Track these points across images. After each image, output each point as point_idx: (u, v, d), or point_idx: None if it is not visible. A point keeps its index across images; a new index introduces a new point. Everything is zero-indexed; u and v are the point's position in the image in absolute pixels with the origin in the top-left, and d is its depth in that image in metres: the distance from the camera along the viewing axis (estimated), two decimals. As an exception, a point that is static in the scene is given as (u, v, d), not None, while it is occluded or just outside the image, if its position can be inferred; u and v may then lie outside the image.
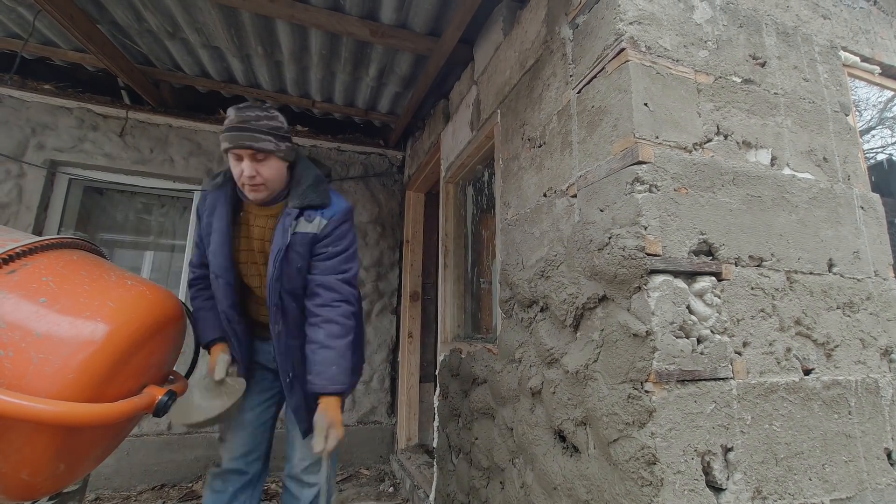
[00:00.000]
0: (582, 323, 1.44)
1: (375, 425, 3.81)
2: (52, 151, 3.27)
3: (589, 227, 1.42)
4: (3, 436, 1.08)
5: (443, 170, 3.07)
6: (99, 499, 2.97)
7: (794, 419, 1.32)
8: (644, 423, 1.15)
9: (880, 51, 1.97)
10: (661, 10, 1.44)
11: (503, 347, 1.94)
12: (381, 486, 3.31)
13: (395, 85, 3.26)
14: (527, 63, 1.96)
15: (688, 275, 1.27)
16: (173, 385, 1.38)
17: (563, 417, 1.48)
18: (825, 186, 1.59)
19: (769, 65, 1.61)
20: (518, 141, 2.00)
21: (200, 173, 3.59)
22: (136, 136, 3.48)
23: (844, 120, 1.73)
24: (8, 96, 3.24)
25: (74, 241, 1.47)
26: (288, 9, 2.39)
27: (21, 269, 1.20)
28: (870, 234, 1.64)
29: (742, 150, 1.47)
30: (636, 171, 1.26)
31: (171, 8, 2.52)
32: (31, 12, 2.63)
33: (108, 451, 1.45)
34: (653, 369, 1.15)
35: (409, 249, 4.01)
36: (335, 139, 4.03)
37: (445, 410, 2.57)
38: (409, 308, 3.91)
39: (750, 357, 1.30)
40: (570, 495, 1.41)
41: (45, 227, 3.26)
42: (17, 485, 1.16)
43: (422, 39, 2.63)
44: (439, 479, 2.54)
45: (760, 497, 1.21)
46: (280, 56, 2.96)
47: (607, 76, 1.42)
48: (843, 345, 1.47)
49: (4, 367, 1.07)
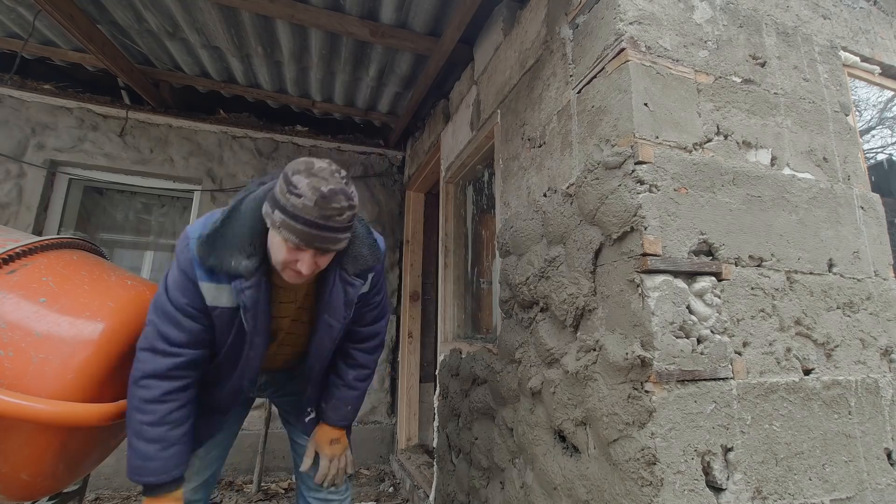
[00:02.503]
0: (582, 323, 1.44)
1: (375, 425, 3.81)
2: (52, 151, 3.27)
3: (589, 228, 1.42)
4: (4, 436, 1.08)
5: (443, 170, 3.07)
6: (99, 499, 2.97)
7: (794, 419, 1.32)
8: (644, 423, 1.15)
9: (880, 51, 1.97)
10: (661, 10, 1.44)
11: (503, 347, 1.94)
12: (381, 486, 3.31)
13: (395, 85, 3.26)
14: (527, 63, 1.96)
15: (688, 275, 1.27)
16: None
17: (563, 417, 1.48)
18: (825, 186, 1.59)
19: (769, 65, 1.61)
20: (518, 141, 2.00)
21: (200, 173, 3.60)
22: (136, 136, 3.48)
23: (844, 120, 1.73)
24: (8, 96, 3.24)
25: (74, 241, 1.47)
26: (288, 9, 2.39)
27: (21, 269, 1.20)
28: (870, 234, 1.64)
29: (742, 150, 1.47)
30: (636, 171, 1.26)
31: (171, 8, 2.52)
32: (31, 12, 2.63)
33: (108, 451, 1.45)
34: (653, 369, 1.15)
35: (409, 249, 4.01)
36: (335, 139, 4.03)
37: (445, 410, 2.57)
38: (409, 308, 3.91)
39: (750, 357, 1.30)
40: (570, 495, 1.41)
41: (45, 227, 3.26)
42: (17, 485, 1.16)
43: (422, 39, 2.63)
44: (439, 479, 2.54)
45: (760, 497, 1.21)
46: (280, 56, 2.96)
47: (607, 76, 1.42)
48: (843, 345, 1.47)
49: (4, 367, 1.07)
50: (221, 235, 1.17)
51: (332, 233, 1.11)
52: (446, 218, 3.04)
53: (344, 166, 4.01)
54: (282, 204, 1.08)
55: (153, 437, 1.17)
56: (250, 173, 3.72)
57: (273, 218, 1.10)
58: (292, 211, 1.06)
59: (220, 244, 1.16)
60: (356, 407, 1.60)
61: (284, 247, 1.12)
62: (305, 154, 3.91)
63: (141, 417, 1.16)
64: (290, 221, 1.07)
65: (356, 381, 1.57)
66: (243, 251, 1.18)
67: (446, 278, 2.96)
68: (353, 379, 1.56)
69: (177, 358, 1.21)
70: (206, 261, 1.15)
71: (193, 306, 1.21)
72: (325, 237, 1.10)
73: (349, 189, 1.11)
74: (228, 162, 3.69)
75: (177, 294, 1.20)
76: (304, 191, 1.05)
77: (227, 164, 3.68)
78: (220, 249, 1.16)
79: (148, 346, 1.20)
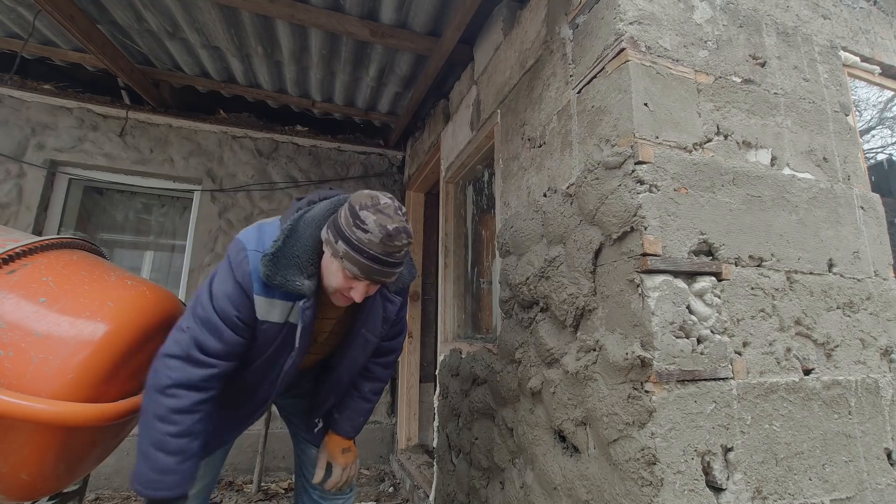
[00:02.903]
0: (582, 323, 1.44)
1: (375, 425, 3.81)
2: (52, 151, 3.27)
3: (589, 228, 1.42)
4: (3, 436, 1.08)
5: (443, 170, 3.07)
6: (99, 499, 2.97)
7: (794, 419, 1.32)
8: (644, 423, 1.15)
9: (880, 51, 1.97)
10: (661, 10, 1.44)
11: (503, 347, 1.94)
12: (381, 486, 3.31)
13: (395, 85, 3.26)
14: (527, 63, 1.96)
15: (688, 275, 1.27)
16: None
17: (563, 417, 1.48)
18: (825, 186, 1.59)
19: (769, 65, 1.61)
20: (518, 141, 2.00)
21: (200, 173, 3.59)
22: (136, 136, 3.48)
23: (844, 120, 1.73)
24: (8, 96, 3.24)
25: (74, 241, 1.47)
26: (288, 9, 2.39)
27: (21, 269, 1.20)
28: (870, 234, 1.64)
29: (742, 150, 1.47)
30: (636, 171, 1.26)
31: (171, 8, 2.52)
32: (31, 12, 2.63)
33: (108, 451, 1.45)
34: (653, 369, 1.15)
35: (409, 249, 4.00)
36: (335, 139, 4.03)
37: (445, 410, 2.57)
38: (409, 308, 3.91)
39: (750, 357, 1.30)
40: (570, 495, 1.41)
41: (45, 227, 3.26)
42: (17, 485, 1.16)
43: (422, 39, 2.63)
44: (439, 479, 2.54)
45: (760, 497, 1.21)
46: (280, 56, 2.96)
47: (607, 76, 1.42)
48: (843, 345, 1.47)
49: (4, 367, 1.07)
50: (283, 255, 1.17)
51: (391, 268, 1.14)
52: (446, 218, 3.04)
53: (344, 166, 4.02)
54: (346, 236, 1.10)
55: (175, 449, 1.12)
56: (250, 173, 3.72)
57: (336, 247, 1.12)
58: (357, 244, 1.09)
59: (283, 263, 1.17)
60: (367, 419, 1.63)
61: (342, 274, 1.15)
62: (305, 154, 3.91)
63: (166, 428, 1.11)
64: (354, 254, 1.09)
65: (371, 393, 1.59)
66: (304, 271, 1.19)
67: (446, 278, 2.96)
68: (368, 391, 1.58)
69: (211, 369, 1.18)
70: (273, 279, 1.15)
71: (242, 318, 1.20)
72: (384, 271, 1.13)
73: (409, 227, 1.15)
74: (228, 162, 3.69)
75: (226, 304, 1.18)
76: (371, 227, 1.08)
77: (227, 164, 3.68)
78: (284, 269, 1.17)
79: (181, 354, 1.16)
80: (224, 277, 1.21)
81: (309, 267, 1.20)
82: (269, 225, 1.26)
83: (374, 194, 1.15)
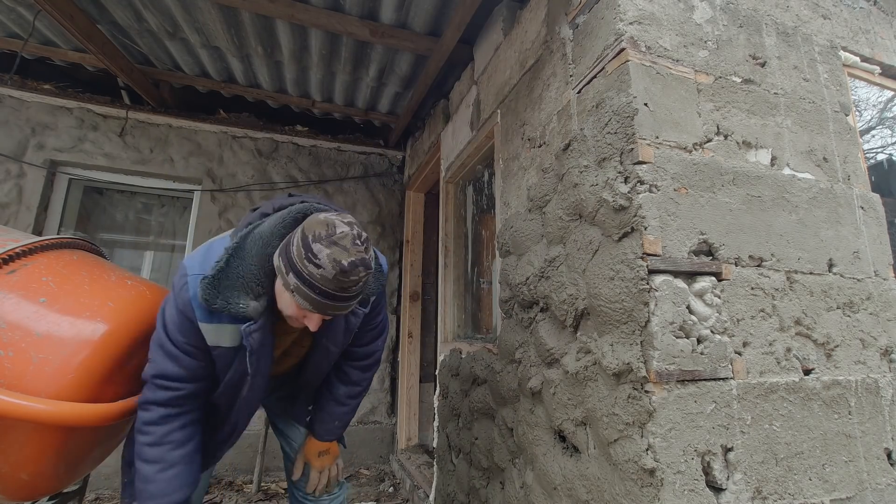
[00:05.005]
0: (582, 323, 1.44)
1: (375, 425, 3.81)
2: (52, 151, 3.27)
3: (589, 228, 1.42)
4: (3, 436, 1.08)
5: (443, 170, 3.07)
6: (99, 499, 2.97)
7: (794, 419, 1.32)
8: (644, 423, 1.15)
9: (880, 51, 1.97)
10: (661, 10, 1.44)
11: (503, 347, 1.94)
12: (381, 486, 3.31)
13: (395, 85, 3.26)
14: (527, 63, 1.96)
15: (688, 275, 1.27)
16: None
17: (563, 418, 1.48)
18: (825, 186, 1.59)
19: (769, 65, 1.61)
20: (518, 141, 2.00)
21: (200, 173, 3.59)
22: (136, 136, 3.48)
23: (844, 120, 1.73)
24: (8, 96, 3.24)
25: (74, 241, 1.47)
26: (288, 9, 2.39)
27: (21, 269, 1.20)
28: (870, 234, 1.64)
29: (742, 150, 1.47)
30: (636, 171, 1.26)
31: (171, 8, 2.52)
32: (31, 12, 2.63)
33: (108, 451, 1.45)
34: (653, 369, 1.15)
35: (409, 249, 4.01)
36: (335, 139, 4.03)
37: (445, 410, 2.57)
38: (409, 308, 3.91)
39: (750, 357, 1.30)
40: (570, 495, 1.41)
41: (45, 227, 3.26)
42: (17, 485, 1.16)
43: (422, 39, 2.63)
44: (439, 479, 2.54)
45: (760, 497, 1.21)
46: (280, 56, 2.96)
47: (607, 76, 1.42)
48: (843, 345, 1.47)
49: (4, 367, 1.07)
50: (226, 276, 1.10)
51: (346, 302, 1.08)
52: (446, 218, 3.04)
53: (344, 166, 4.02)
54: (297, 269, 1.02)
55: (152, 458, 1.15)
56: (250, 173, 3.72)
57: (287, 279, 1.05)
58: (309, 279, 1.01)
59: (225, 285, 1.10)
60: (345, 422, 1.59)
61: (294, 305, 1.09)
62: (305, 154, 3.91)
63: (141, 438, 1.17)
64: (305, 289, 1.03)
65: (346, 397, 1.55)
66: (250, 292, 1.13)
67: (446, 278, 2.96)
68: (343, 395, 1.55)
69: (176, 392, 1.19)
70: (213, 304, 1.10)
71: (192, 344, 1.18)
72: (338, 306, 1.07)
73: (368, 256, 1.06)
74: (228, 162, 3.69)
75: (175, 332, 1.17)
76: (323, 262, 1.00)
77: (227, 164, 3.68)
78: (226, 291, 1.10)
79: (146, 378, 1.20)
80: (170, 305, 1.19)
81: (256, 287, 1.13)
82: (219, 242, 1.21)
83: (330, 221, 1.04)
